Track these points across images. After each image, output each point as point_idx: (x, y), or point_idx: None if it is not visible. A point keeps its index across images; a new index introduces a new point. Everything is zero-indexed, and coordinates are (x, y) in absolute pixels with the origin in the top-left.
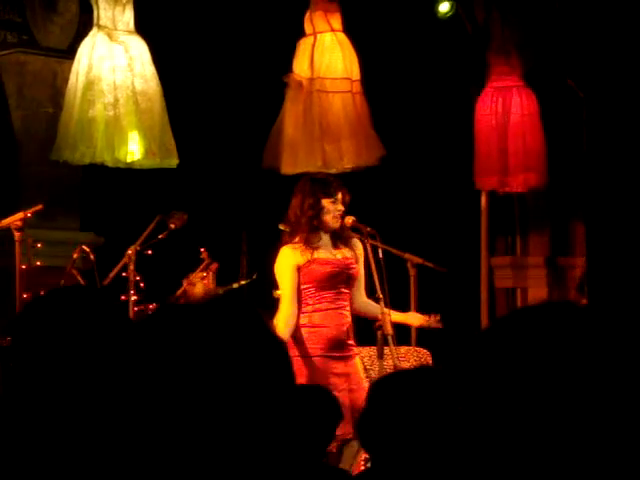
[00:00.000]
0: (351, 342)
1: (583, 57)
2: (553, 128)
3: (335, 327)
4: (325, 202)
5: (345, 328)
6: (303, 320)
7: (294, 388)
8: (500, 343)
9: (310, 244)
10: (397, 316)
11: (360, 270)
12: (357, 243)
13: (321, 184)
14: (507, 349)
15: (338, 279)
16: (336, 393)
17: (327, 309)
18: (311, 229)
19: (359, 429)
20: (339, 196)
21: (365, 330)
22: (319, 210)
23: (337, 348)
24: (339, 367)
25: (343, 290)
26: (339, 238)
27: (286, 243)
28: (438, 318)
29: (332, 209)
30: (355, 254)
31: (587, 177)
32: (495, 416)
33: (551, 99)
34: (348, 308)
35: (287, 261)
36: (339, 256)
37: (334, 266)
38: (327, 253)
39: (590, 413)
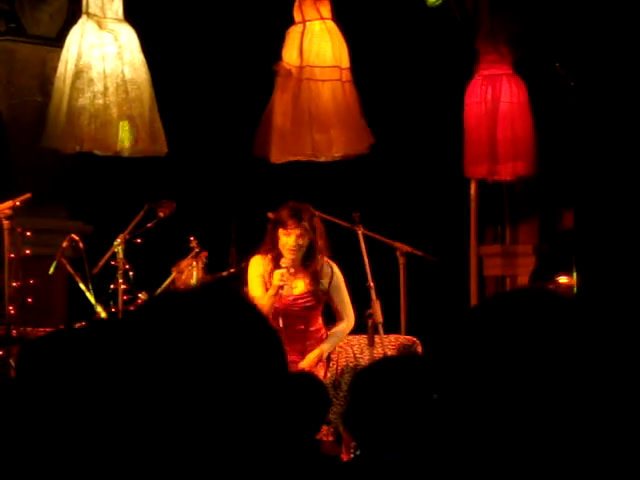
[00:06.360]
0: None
1: (573, 45)
2: (542, 116)
3: (289, 346)
4: (280, 233)
5: (301, 349)
6: None
7: (287, 375)
8: (478, 328)
9: (277, 265)
10: None
11: (335, 297)
12: (328, 271)
13: (280, 215)
14: (485, 334)
15: (291, 313)
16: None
17: (285, 326)
18: (275, 256)
19: (346, 418)
20: (291, 228)
21: (355, 318)
22: (276, 241)
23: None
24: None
25: (301, 314)
26: (307, 269)
27: (258, 253)
28: None
29: (284, 241)
30: (322, 285)
31: (576, 165)
32: (477, 402)
33: (541, 87)
34: (312, 328)
35: (255, 271)
36: (297, 291)
37: (288, 304)
38: (288, 287)
39: (569, 396)
